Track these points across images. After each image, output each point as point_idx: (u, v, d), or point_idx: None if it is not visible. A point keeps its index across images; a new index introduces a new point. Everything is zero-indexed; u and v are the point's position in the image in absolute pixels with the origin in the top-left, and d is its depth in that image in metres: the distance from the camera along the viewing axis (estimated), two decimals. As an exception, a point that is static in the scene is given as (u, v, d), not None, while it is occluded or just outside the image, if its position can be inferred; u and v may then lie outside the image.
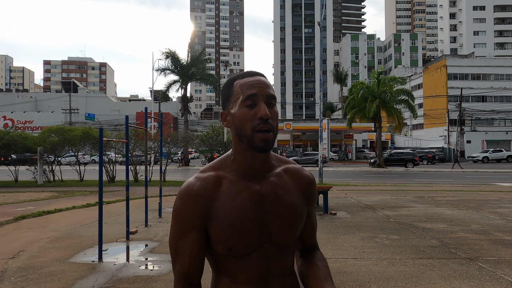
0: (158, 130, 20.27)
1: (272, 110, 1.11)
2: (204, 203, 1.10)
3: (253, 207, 1.12)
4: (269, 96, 1.11)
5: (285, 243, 1.16)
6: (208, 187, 1.12)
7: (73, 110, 55.95)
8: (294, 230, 1.16)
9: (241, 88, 1.11)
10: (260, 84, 1.11)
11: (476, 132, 52.12)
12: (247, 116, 1.09)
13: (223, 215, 1.10)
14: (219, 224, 1.10)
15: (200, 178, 1.14)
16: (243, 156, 1.14)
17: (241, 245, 1.10)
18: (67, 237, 6.99)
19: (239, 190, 1.12)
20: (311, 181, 1.25)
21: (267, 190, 1.14)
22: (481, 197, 12.42)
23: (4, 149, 17.54)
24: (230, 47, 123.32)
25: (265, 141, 1.08)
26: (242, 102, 1.10)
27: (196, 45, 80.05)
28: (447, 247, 6.01)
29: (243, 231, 1.10)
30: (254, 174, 1.15)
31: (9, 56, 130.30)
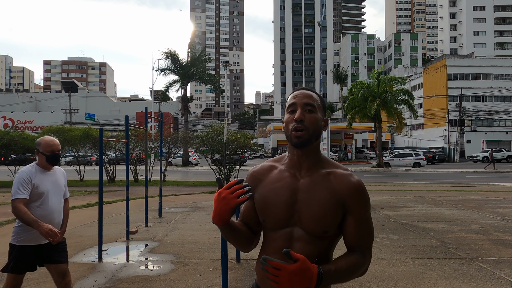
0: (158, 130, 20.26)
1: (309, 115, 1.37)
2: (255, 181, 1.47)
3: (287, 192, 1.37)
4: (306, 103, 1.38)
5: (312, 231, 1.34)
6: (261, 171, 1.48)
7: (73, 110, 55.94)
8: (320, 222, 1.33)
9: (288, 100, 1.43)
10: (300, 95, 1.40)
11: (476, 132, 52.09)
12: (288, 119, 1.40)
13: (264, 192, 1.42)
14: (259, 198, 1.42)
15: (261, 165, 1.52)
16: (292, 153, 1.43)
17: (270, 219, 1.38)
18: (67, 237, 6.95)
19: (282, 178, 1.41)
20: (355, 186, 1.36)
21: (305, 183, 1.38)
22: (481, 197, 12.41)
23: (4, 149, 17.53)
24: (230, 47, 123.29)
25: (297, 138, 1.35)
26: (286, 110, 1.42)
27: (196, 45, 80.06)
28: (447, 247, 6.01)
29: (274, 208, 1.37)
30: (299, 169, 1.41)
31: (9, 56, 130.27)
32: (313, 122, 1.36)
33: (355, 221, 1.36)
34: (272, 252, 1.36)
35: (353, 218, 1.36)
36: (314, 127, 1.36)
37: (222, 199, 1.26)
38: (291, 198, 1.36)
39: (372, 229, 1.41)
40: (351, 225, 1.36)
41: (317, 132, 1.37)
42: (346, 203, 1.34)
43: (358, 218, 1.36)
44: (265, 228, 1.43)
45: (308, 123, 1.35)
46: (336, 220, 1.34)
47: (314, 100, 1.40)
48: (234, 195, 1.25)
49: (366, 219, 1.38)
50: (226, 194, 1.26)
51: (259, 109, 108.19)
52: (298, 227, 1.35)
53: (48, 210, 3.07)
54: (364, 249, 1.38)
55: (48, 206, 3.07)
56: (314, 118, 1.37)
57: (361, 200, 1.37)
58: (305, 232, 1.34)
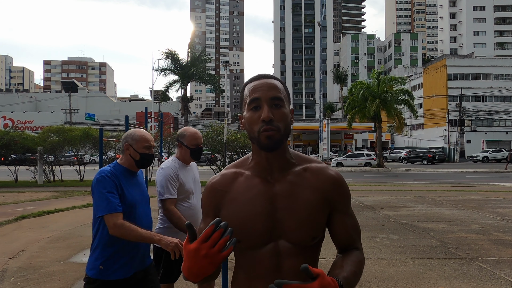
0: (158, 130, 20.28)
1: (278, 111, 1.14)
2: (217, 195, 1.21)
3: (262, 202, 1.15)
4: (273, 98, 1.14)
5: (300, 242, 1.14)
6: (224, 182, 1.22)
7: (73, 110, 55.92)
8: (309, 229, 1.14)
9: (248, 92, 1.18)
10: (263, 87, 1.16)
11: (476, 132, 52.08)
12: (252, 119, 1.15)
13: (233, 207, 1.17)
14: (229, 214, 1.17)
15: (221, 173, 1.26)
16: (258, 155, 1.20)
17: (248, 238, 1.14)
18: (67, 237, 6.99)
19: (252, 186, 1.18)
20: (336, 180, 1.22)
21: (281, 187, 1.17)
22: (481, 197, 12.41)
23: (4, 149, 17.52)
24: (230, 47, 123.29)
25: (269, 138, 1.12)
26: (248, 106, 1.17)
27: (196, 45, 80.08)
28: (447, 247, 6.01)
29: (250, 224, 1.14)
30: (270, 172, 1.19)
31: (9, 56, 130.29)
32: (283, 119, 1.14)
33: (343, 217, 1.22)
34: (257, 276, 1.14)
35: (340, 214, 1.21)
36: (285, 125, 1.15)
37: (203, 257, 0.97)
38: (269, 207, 1.15)
39: (358, 222, 1.28)
40: (340, 223, 1.22)
41: (288, 130, 1.17)
42: (330, 199, 1.19)
43: (345, 213, 1.23)
44: (242, 249, 1.18)
45: (279, 122, 1.13)
46: (323, 221, 1.19)
47: (281, 91, 1.17)
48: (217, 249, 0.96)
49: (351, 213, 1.26)
50: (207, 251, 0.96)
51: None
52: (283, 239, 1.14)
53: (194, 209, 2.75)
54: (358, 245, 1.25)
55: (193, 205, 2.75)
56: (283, 114, 1.15)
57: (345, 194, 1.23)
58: (292, 244, 1.14)
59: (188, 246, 0.99)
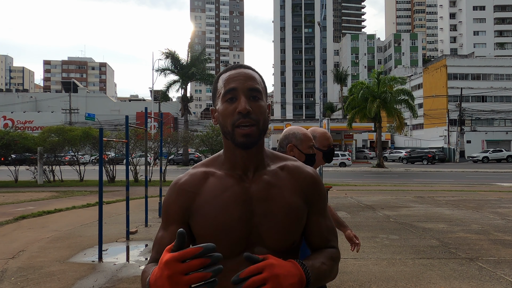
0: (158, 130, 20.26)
1: (255, 104, 1.03)
2: (187, 197, 1.06)
3: (238, 206, 1.03)
4: (251, 89, 1.04)
5: (280, 247, 1.04)
6: (194, 183, 1.08)
7: (73, 110, 55.92)
8: (289, 233, 1.05)
9: (223, 83, 1.06)
10: (240, 77, 1.05)
11: (476, 132, 52.09)
12: (227, 111, 1.03)
13: (206, 211, 1.04)
14: (201, 220, 1.04)
15: (189, 173, 1.11)
16: (231, 153, 1.08)
17: (224, 246, 1.00)
18: (67, 237, 6.99)
19: (225, 187, 1.05)
20: (313, 179, 1.13)
21: (257, 189, 1.06)
22: (481, 197, 12.41)
23: (4, 149, 17.53)
24: (230, 47, 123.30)
25: (245, 136, 1.01)
26: (222, 97, 1.05)
27: (196, 45, 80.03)
28: (447, 247, 6.01)
29: (226, 230, 1.01)
30: (244, 172, 1.08)
31: (9, 56, 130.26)
32: (262, 112, 1.04)
33: (319, 219, 1.13)
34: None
35: (317, 215, 1.12)
36: (263, 119, 1.04)
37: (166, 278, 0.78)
38: (245, 212, 1.03)
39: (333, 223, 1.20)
40: (316, 224, 1.12)
41: (266, 125, 1.05)
42: (307, 199, 1.10)
43: (321, 214, 1.14)
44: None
45: (256, 115, 1.02)
46: (303, 224, 1.09)
47: (259, 82, 1.07)
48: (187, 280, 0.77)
49: (327, 214, 1.17)
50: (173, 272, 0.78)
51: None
52: (260, 246, 1.03)
53: None
54: (335, 245, 1.17)
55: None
56: (262, 107, 1.04)
57: (322, 193, 1.14)
58: (269, 251, 1.02)
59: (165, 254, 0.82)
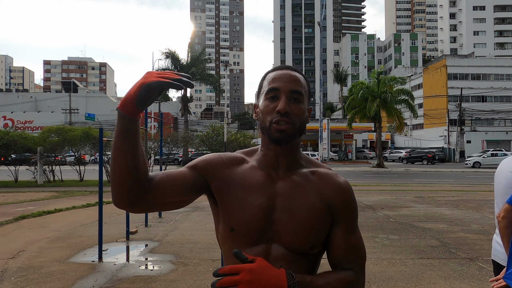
0: (158, 130, 20.26)
1: (295, 106, 1.08)
2: (220, 164, 1.12)
3: (262, 194, 1.07)
4: (293, 91, 1.08)
5: (296, 247, 1.04)
6: (231, 160, 1.14)
7: (73, 110, 55.93)
8: (306, 234, 1.04)
9: (267, 81, 1.12)
10: (285, 78, 1.10)
11: (476, 132, 52.07)
12: (267, 108, 1.09)
13: (233, 190, 1.08)
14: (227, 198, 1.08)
15: (231, 153, 1.19)
16: (267, 148, 1.13)
17: (243, 228, 1.04)
18: (67, 237, 6.99)
19: (255, 176, 1.10)
20: (342, 188, 1.11)
21: (284, 185, 1.09)
22: (481, 197, 12.41)
23: (4, 149, 17.53)
24: (230, 47, 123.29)
25: (280, 132, 1.06)
26: (265, 95, 1.11)
27: (196, 45, 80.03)
28: (447, 247, 6.01)
29: (247, 213, 1.05)
30: (276, 168, 1.12)
31: (9, 56, 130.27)
32: (300, 114, 1.09)
33: (343, 231, 1.09)
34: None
35: (341, 227, 1.09)
36: (300, 121, 1.09)
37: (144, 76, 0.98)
38: (267, 203, 1.05)
39: (363, 244, 1.13)
40: (338, 236, 1.09)
41: (303, 127, 1.11)
42: (333, 208, 1.09)
43: (347, 227, 1.10)
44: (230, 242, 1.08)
45: (295, 116, 1.07)
46: (325, 230, 1.08)
47: (302, 86, 1.11)
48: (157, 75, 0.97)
49: (356, 230, 1.12)
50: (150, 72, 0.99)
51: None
52: (276, 243, 1.04)
53: None
54: (356, 267, 1.09)
55: None
56: (301, 110, 1.09)
57: (351, 206, 1.11)
58: (286, 249, 1.04)
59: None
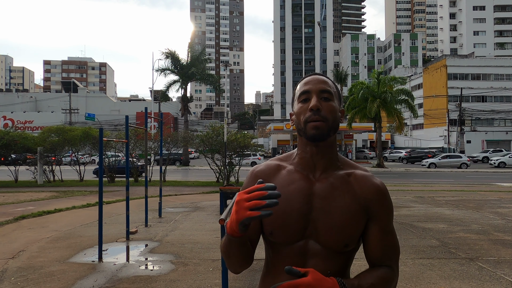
0: (158, 130, 20.27)
1: (326, 103, 1.16)
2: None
3: (300, 198, 1.14)
4: (322, 90, 1.17)
5: (331, 245, 1.12)
6: (267, 172, 1.22)
7: (73, 110, 55.92)
8: (342, 233, 1.11)
9: (299, 87, 1.22)
10: (314, 80, 1.19)
11: (476, 132, 52.08)
12: (301, 109, 1.17)
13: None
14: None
15: (265, 164, 1.26)
16: (304, 150, 1.20)
17: (281, 231, 1.13)
18: (67, 237, 6.99)
19: (293, 180, 1.17)
20: (379, 190, 1.17)
21: (321, 187, 1.15)
22: (481, 197, 12.41)
23: (4, 149, 17.53)
24: (230, 47, 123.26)
25: (315, 128, 1.13)
26: (298, 98, 1.20)
27: (196, 45, 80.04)
28: (447, 247, 6.01)
29: (285, 218, 1.13)
30: (313, 170, 1.19)
31: (9, 56, 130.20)
32: (331, 111, 1.15)
33: (380, 231, 1.16)
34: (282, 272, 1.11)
35: (378, 227, 1.16)
36: (333, 118, 1.15)
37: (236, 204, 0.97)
38: (305, 205, 1.14)
39: (398, 242, 1.21)
40: (376, 236, 1.16)
41: (336, 124, 1.16)
42: (370, 209, 1.15)
43: (383, 227, 1.16)
44: (271, 243, 1.18)
45: (326, 113, 1.14)
46: (359, 230, 1.15)
47: (330, 86, 1.20)
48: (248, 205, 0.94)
49: (392, 230, 1.19)
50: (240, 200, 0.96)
51: (259, 109, 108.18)
52: (313, 240, 1.13)
53: None
54: (392, 264, 1.18)
55: None
56: (332, 107, 1.16)
57: (387, 206, 1.17)
58: (322, 246, 1.12)
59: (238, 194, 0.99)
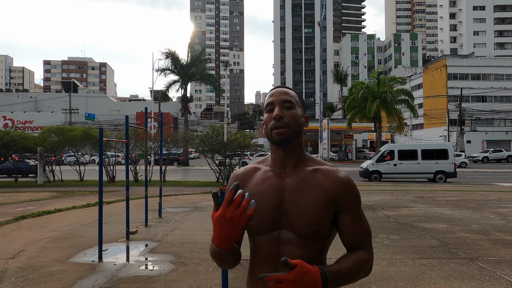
0: (158, 130, 20.27)
1: (288, 112, 1.33)
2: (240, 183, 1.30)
3: (273, 193, 1.31)
4: (283, 101, 1.34)
5: (302, 232, 1.27)
6: (246, 173, 1.41)
7: (73, 110, 55.90)
8: (311, 221, 1.26)
9: (265, 100, 1.40)
10: (276, 92, 1.37)
11: (476, 132, 52.07)
12: (267, 118, 1.36)
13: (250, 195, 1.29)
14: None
15: (244, 167, 1.46)
16: (275, 153, 1.38)
17: (256, 222, 1.29)
18: (67, 237, 6.99)
19: (267, 178, 1.35)
20: (344, 182, 1.31)
21: (291, 182, 1.32)
22: (481, 197, 12.41)
23: (4, 149, 17.53)
24: (230, 47, 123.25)
25: (279, 134, 1.30)
26: (264, 109, 1.38)
27: (196, 45, 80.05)
28: (447, 247, 6.01)
29: (261, 210, 1.28)
30: (283, 168, 1.36)
31: (9, 56, 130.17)
32: (293, 118, 1.32)
33: (351, 219, 1.31)
34: (262, 258, 1.30)
35: (348, 215, 1.31)
36: (295, 123, 1.32)
37: (230, 220, 1.09)
38: (277, 199, 1.30)
39: (368, 225, 1.37)
40: (347, 224, 1.31)
41: (298, 129, 1.33)
42: (337, 200, 1.29)
43: (353, 215, 1.31)
44: (251, 233, 1.33)
45: (288, 120, 1.31)
46: (326, 218, 1.28)
47: (292, 96, 1.36)
48: (241, 210, 1.08)
49: (361, 215, 1.34)
50: (232, 213, 1.08)
51: (259, 109, 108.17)
52: (287, 229, 1.28)
53: None
54: (366, 246, 1.34)
55: None
56: (293, 114, 1.33)
57: (353, 196, 1.32)
58: (294, 234, 1.27)
59: (214, 214, 1.11)
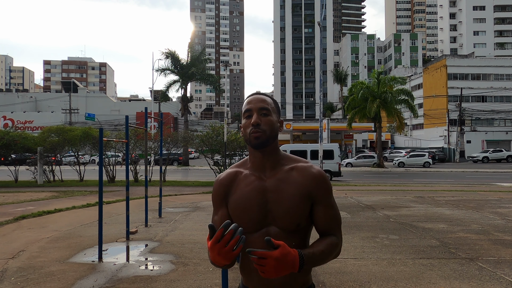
0: (158, 130, 20.27)
1: (264, 118, 1.46)
2: (224, 189, 1.51)
3: (257, 195, 1.44)
4: (261, 108, 1.46)
5: (287, 227, 1.42)
6: (228, 178, 1.51)
7: (73, 110, 55.88)
8: (293, 217, 1.41)
9: (244, 106, 1.51)
10: (254, 100, 1.49)
11: (476, 132, 52.05)
12: (245, 125, 1.47)
13: (235, 199, 1.47)
14: (232, 205, 1.48)
15: (226, 172, 1.55)
16: (254, 156, 1.50)
17: (245, 223, 1.42)
18: (67, 237, 6.99)
19: (249, 182, 1.47)
20: (316, 177, 1.46)
21: (271, 183, 1.45)
22: (481, 197, 12.41)
23: (4, 149, 17.53)
24: (230, 47, 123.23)
25: (256, 138, 1.43)
26: (243, 115, 1.49)
27: (196, 45, 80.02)
28: (447, 247, 6.01)
29: (247, 212, 1.43)
30: (263, 170, 1.48)
31: (9, 56, 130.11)
32: (269, 124, 1.45)
33: (323, 208, 1.46)
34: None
35: (321, 206, 1.46)
36: (270, 129, 1.45)
37: (217, 254, 1.20)
38: (261, 200, 1.43)
39: (338, 213, 1.52)
40: (320, 213, 1.46)
41: (273, 133, 1.47)
42: (312, 193, 1.44)
43: (325, 205, 1.47)
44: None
45: (265, 126, 1.44)
46: (306, 211, 1.44)
47: (268, 103, 1.49)
48: (229, 248, 1.18)
49: (332, 205, 1.49)
50: (219, 250, 1.19)
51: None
52: (273, 225, 1.42)
53: None
54: (336, 232, 1.49)
55: None
56: (269, 120, 1.46)
57: (325, 188, 1.47)
58: (280, 229, 1.41)
59: (208, 242, 1.22)
